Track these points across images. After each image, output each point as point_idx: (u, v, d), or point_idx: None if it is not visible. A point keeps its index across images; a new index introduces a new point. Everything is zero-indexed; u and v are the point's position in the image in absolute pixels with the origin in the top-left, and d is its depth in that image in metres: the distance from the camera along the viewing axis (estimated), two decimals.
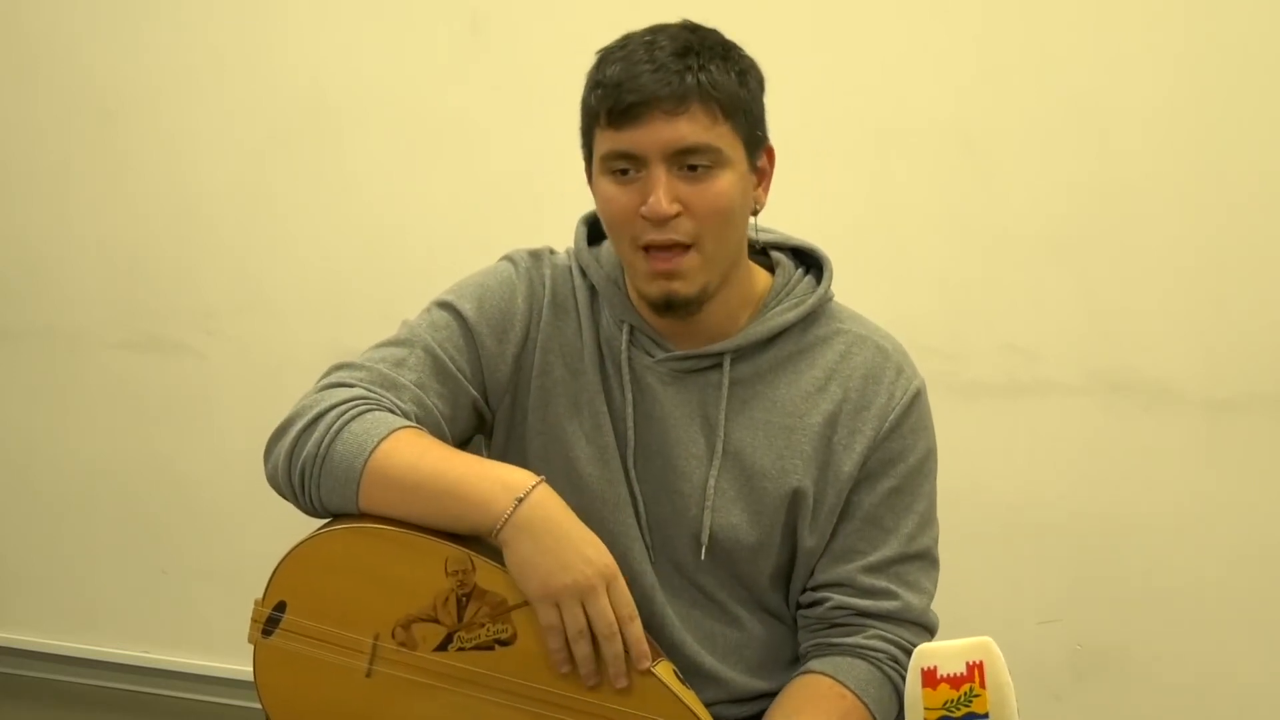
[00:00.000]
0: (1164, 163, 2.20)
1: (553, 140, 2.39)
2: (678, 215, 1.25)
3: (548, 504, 1.21)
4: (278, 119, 2.52)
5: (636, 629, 1.21)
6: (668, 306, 1.29)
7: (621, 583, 1.21)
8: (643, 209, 1.25)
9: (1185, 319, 2.23)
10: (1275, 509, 2.25)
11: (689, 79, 1.24)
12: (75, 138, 2.60)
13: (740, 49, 1.31)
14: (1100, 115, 2.22)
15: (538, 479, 1.23)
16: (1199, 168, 2.20)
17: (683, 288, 1.27)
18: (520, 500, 1.20)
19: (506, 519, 1.19)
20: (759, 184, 1.34)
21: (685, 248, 1.26)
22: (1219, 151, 2.19)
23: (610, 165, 1.28)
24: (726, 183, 1.27)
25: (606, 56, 1.29)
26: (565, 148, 2.39)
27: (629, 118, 1.24)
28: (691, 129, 1.24)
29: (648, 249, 1.27)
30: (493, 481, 1.22)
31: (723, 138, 1.26)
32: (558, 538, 1.20)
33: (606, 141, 1.27)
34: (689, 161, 1.25)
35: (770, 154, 1.35)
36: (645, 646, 1.20)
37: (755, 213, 1.35)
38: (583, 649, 1.20)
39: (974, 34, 2.24)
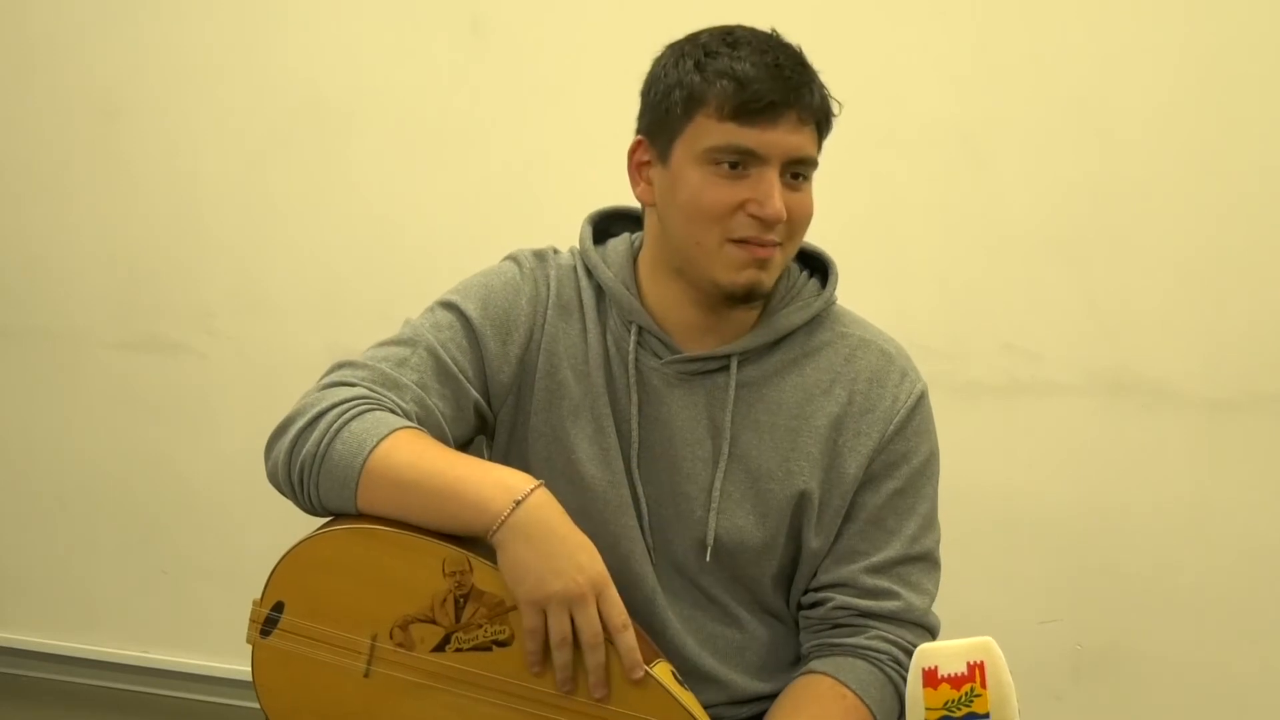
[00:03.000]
0: (1164, 162, 2.20)
1: (553, 140, 2.41)
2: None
3: (545, 508, 1.20)
4: (278, 119, 2.52)
5: (629, 639, 1.19)
6: (747, 296, 1.29)
7: (613, 592, 1.19)
8: (756, 210, 1.25)
9: (1185, 319, 2.23)
10: (1275, 509, 2.25)
11: (814, 94, 1.26)
12: (75, 138, 2.60)
13: None
14: (1100, 115, 2.22)
15: (536, 483, 1.22)
16: (1199, 167, 2.20)
17: (766, 279, 1.29)
18: (518, 503, 1.19)
19: (503, 521, 1.18)
20: None
21: (778, 245, 1.28)
22: (1219, 151, 2.19)
23: (719, 157, 1.26)
24: (810, 194, 1.30)
25: (716, 49, 1.27)
26: (565, 148, 2.41)
27: (763, 116, 1.23)
28: (807, 140, 1.27)
29: (742, 241, 1.27)
30: (491, 483, 1.21)
31: (816, 153, 1.29)
32: (553, 542, 1.18)
33: (723, 134, 1.25)
34: (795, 170, 1.27)
35: None
36: (637, 657, 1.19)
37: None
38: (563, 656, 1.18)
39: (974, 34, 2.24)
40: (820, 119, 1.28)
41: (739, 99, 1.23)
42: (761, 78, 1.23)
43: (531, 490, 1.20)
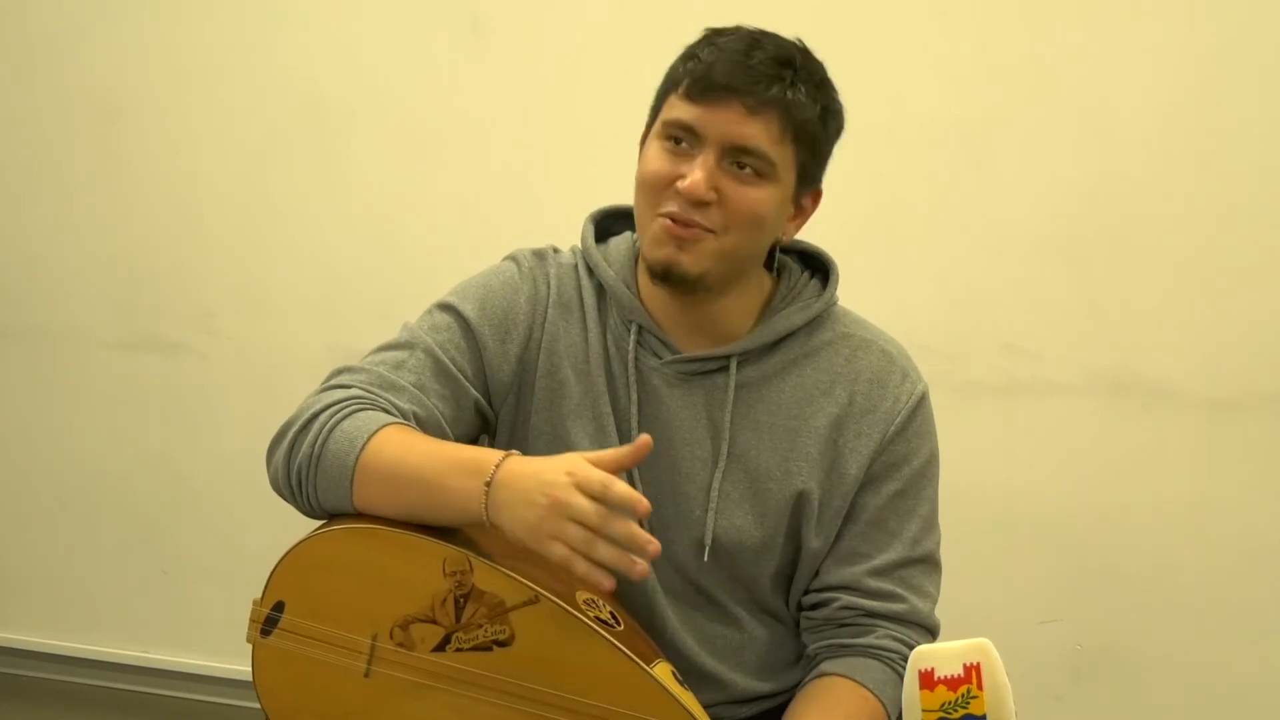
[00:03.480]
0: (1164, 162, 2.20)
1: (553, 140, 2.41)
2: (709, 204, 1.26)
3: (510, 470, 1.18)
4: (278, 119, 2.52)
5: (618, 489, 1.13)
6: (665, 276, 1.29)
7: (585, 470, 1.14)
8: (680, 183, 1.25)
9: (1185, 319, 2.23)
10: (1275, 509, 2.25)
11: (775, 89, 1.25)
12: (75, 138, 2.60)
13: (836, 92, 1.33)
14: (1100, 115, 2.22)
15: (503, 455, 1.20)
16: (1199, 167, 2.20)
17: (689, 263, 1.28)
18: (488, 484, 1.18)
19: (485, 506, 1.18)
20: (794, 217, 1.35)
21: (708, 230, 1.27)
22: (1219, 150, 2.19)
23: (668, 131, 1.29)
24: (766, 194, 1.28)
25: (711, 36, 1.30)
26: (565, 148, 2.41)
27: (707, 96, 1.25)
28: (758, 133, 1.26)
29: (666, 216, 1.27)
30: (462, 473, 1.20)
31: (783, 156, 1.28)
32: (522, 489, 1.16)
33: (675, 109, 1.28)
34: (741, 160, 1.26)
35: (817, 197, 1.37)
36: (634, 496, 1.14)
37: (779, 241, 1.36)
38: (602, 551, 1.12)
39: (974, 34, 2.24)
40: (785, 116, 1.26)
41: (691, 77, 1.26)
42: (721, 61, 1.25)
43: (496, 468, 1.19)
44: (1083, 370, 2.28)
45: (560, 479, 1.14)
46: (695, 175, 1.25)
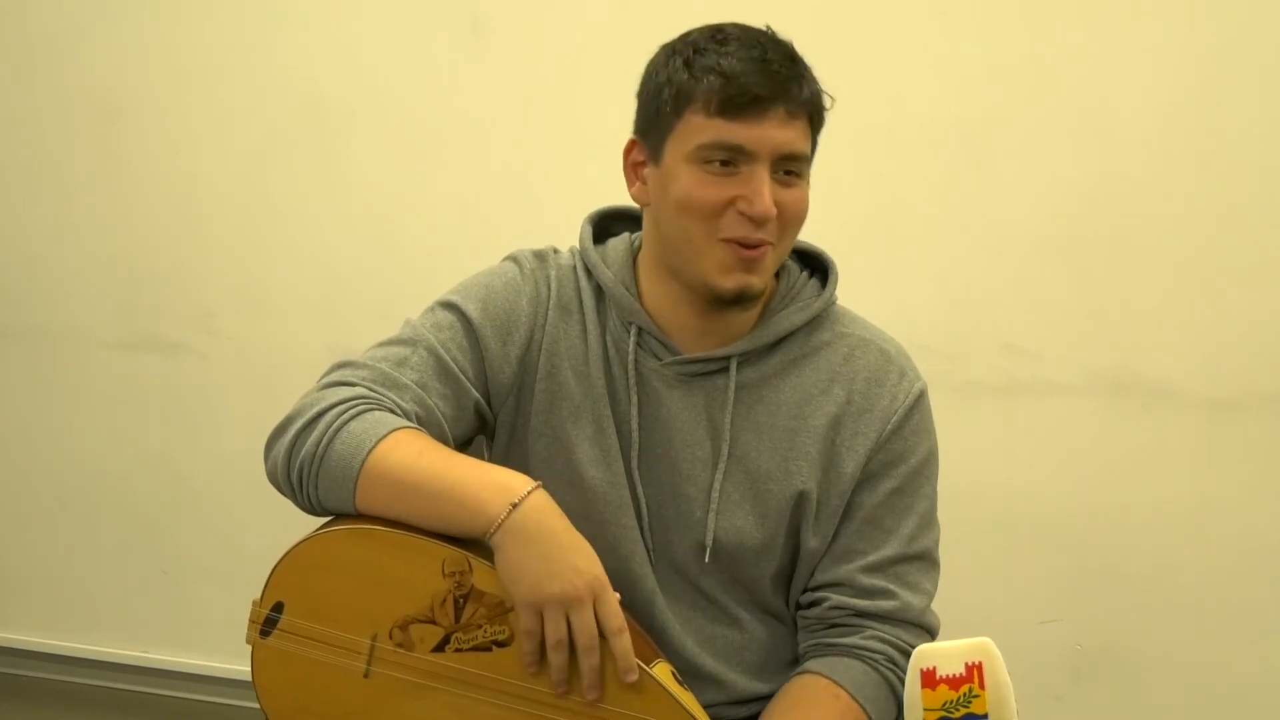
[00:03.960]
0: (1164, 162, 2.20)
1: (553, 140, 2.41)
2: (771, 218, 1.25)
3: (544, 509, 1.20)
4: (278, 119, 2.52)
5: (624, 642, 1.19)
6: (737, 300, 1.29)
7: (610, 595, 1.19)
8: (745, 207, 1.24)
9: (1185, 319, 2.23)
10: (1275, 509, 2.25)
11: (804, 89, 1.26)
12: (75, 138, 2.60)
13: None
14: (1100, 115, 2.22)
15: (534, 484, 1.21)
16: (1199, 167, 2.20)
17: (757, 282, 1.28)
18: (515, 505, 1.19)
19: (501, 523, 1.18)
20: None
21: (769, 245, 1.27)
22: (1219, 151, 2.19)
23: (708, 154, 1.25)
24: (805, 191, 1.29)
25: (705, 45, 1.27)
26: (565, 148, 2.41)
27: (749, 111, 1.23)
28: (798, 136, 1.26)
29: (731, 241, 1.26)
30: (488, 485, 1.21)
31: (808, 149, 1.28)
32: (550, 545, 1.18)
33: (710, 130, 1.24)
34: (787, 167, 1.26)
35: None
36: (632, 660, 1.19)
37: None
38: (559, 659, 1.18)
39: (974, 34, 2.24)
40: (811, 113, 1.27)
41: (725, 94, 1.23)
42: (748, 72, 1.23)
43: (529, 492, 1.20)
44: (1083, 370, 2.28)
45: (589, 577, 1.18)
46: (765, 196, 1.23)
